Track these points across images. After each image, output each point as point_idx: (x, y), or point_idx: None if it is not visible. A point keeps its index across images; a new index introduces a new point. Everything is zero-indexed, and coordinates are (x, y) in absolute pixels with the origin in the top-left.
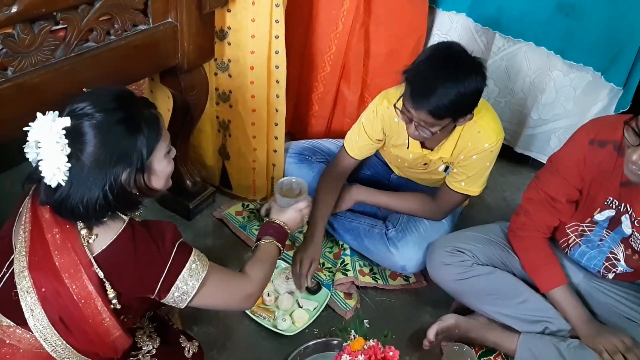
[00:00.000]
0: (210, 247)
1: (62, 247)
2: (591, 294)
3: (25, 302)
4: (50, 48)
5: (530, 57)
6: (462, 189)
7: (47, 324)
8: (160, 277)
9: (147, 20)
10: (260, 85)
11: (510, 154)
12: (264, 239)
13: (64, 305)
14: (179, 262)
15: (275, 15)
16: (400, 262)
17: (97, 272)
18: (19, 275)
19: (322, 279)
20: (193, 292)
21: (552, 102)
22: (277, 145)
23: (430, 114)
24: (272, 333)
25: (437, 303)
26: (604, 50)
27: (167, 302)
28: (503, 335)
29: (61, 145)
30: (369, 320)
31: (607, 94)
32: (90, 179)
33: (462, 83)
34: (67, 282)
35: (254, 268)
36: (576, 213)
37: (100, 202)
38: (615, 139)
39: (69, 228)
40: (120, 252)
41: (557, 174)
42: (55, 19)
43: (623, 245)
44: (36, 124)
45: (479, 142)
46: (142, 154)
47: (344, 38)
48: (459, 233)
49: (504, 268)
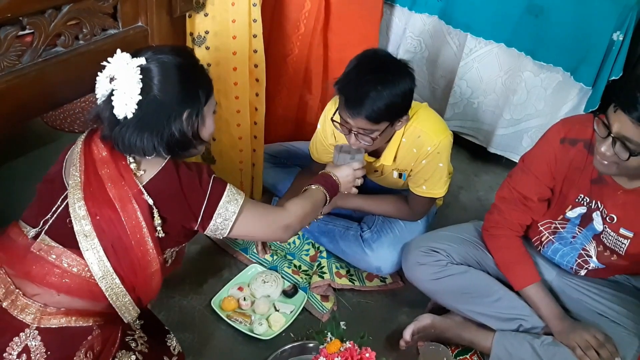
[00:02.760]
0: (200, 253)
1: (116, 180)
2: (564, 290)
3: (81, 228)
4: (17, 53)
5: (502, 58)
6: (425, 192)
7: (100, 249)
8: (203, 203)
9: (116, 24)
10: (243, 86)
11: (484, 154)
12: (314, 185)
13: (115, 233)
14: (217, 190)
15: (253, 15)
16: (375, 264)
17: (147, 200)
18: (74, 205)
19: (298, 282)
20: (234, 217)
21: (523, 102)
22: (256, 145)
23: (367, 119)
24: (248, 337)
25: (413, 303)
26: (572, 50)
27: (210, 232)
28: (478, 333)
29: (136, 78)
30: (346, 322)
31: (576, 94)
32: (157, 112)
33: (392, 85)
34: (120, 210)
35: (295, 203)
36: (549, 211)
37: (161, 136)
38: (586, 137)
39: (123, 164)
40: (166, 180)
41: (529, 173)
42: (21, 24)
43: (595, 242)
44: (114, 59)
45: (422, 147)
46: (201, 99)
47: (306, 40)
48: (433, 233)
49: (478, 267)
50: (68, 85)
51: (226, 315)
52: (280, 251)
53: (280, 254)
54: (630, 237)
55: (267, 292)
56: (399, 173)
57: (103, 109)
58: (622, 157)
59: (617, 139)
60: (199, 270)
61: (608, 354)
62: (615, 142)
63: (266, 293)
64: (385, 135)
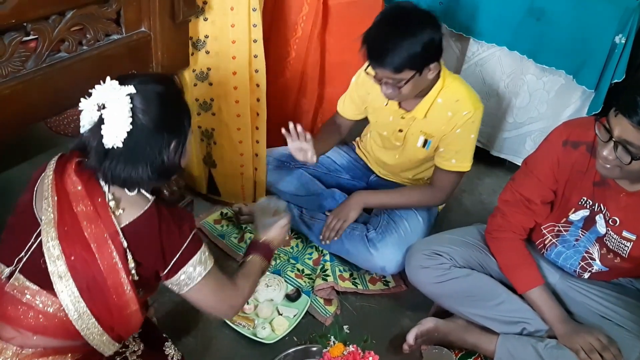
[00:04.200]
0: None
1: (92, 218)
2: (567, 293)
3: (55, 268)
4: (21, 59)
5: (504, 62)
6: (453, 166)
7: (75, 290)
8: (176, 255)
9: (119, 29)
10: (243, 90)
11: (487, 157)
12: (254, 255)
13: (90, 273)
14: (192, 247)
15: (253, 20)
16: (379, 263)
17: (122, 242)
18: (47, 244)
19: (301, 285)
20: (198, 279)
21: (526, 105)
22: (259, 149)
23: (389, 70)
24: (251, 341)
25: (417, 307)
26: (575, 53)
27: (170, 284)
28: (482, 337)
29: (127, 107)
30: (349, 326)
31: (579, 97)
32: (147, 142)
33: (413, 35)
34: (95, 251)
35: (245, 280)
36: (552, 213)
37: (152, 166)
38: (588, 140)
39: (100, 201)
40: (146, 226)
41: (532, 176)
42: (25, 29)
43: (598, 245)
44: (103, 87)
45: (459, 111)
46: (186, 131)
47: (303, 44)
48: (437, 236)
49: (481, 270)
50: (72, 91)
51: (229, 319)
52: (283, 255)
53: (283, 257)
54: (633, 239)
55: (270, 296)
56: (424, 139)
57: (90, 138)
58: (624, 161)
59: (618, 143)
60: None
61: (611, 357)
62: (617, 146)
63: (269, 297)
64: (416, 84)
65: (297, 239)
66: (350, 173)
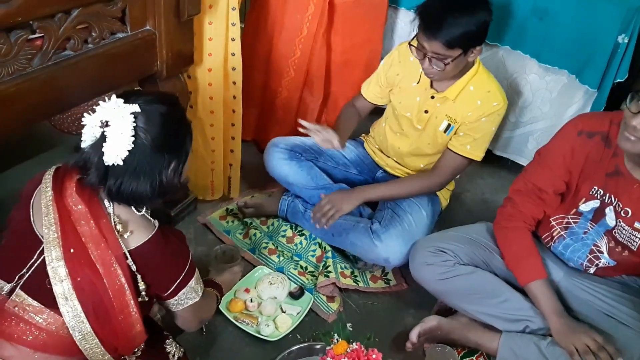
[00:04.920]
0: (193, 254)
1: (98, 240)
2: (572, 291)
3: (61, 289)
4: (27, 57)
5: (507, 61)
6: (467, 152)
7: (80, 312)
8: (178, 279)
9: (125, 28)
10: (218, 87)
11: (489, 157)
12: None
13: (97, 295)
14: (190, 270)
15: (232, 19)
16: (383, 255)
17: (130, 266)
18: (52, 263)
19: (304, 283)
20: (193, 300)
21: (529, 104)
22: (234, 146)
23: (442, 44)
24: (255, 339)
25: (419, 305)
26: (577, 53)
27: (168, 302)
28: (485, 335)
29: (130, 126)
30: (352, 324)
31: (582, 96)
32: (147, 163)
33: (470, 13)
34: (102, 273)
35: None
36: (562, 205)
37: (151, 187)
38: (603, 130)
39: (105, 222)
40: (152, 252)
41: (544, 166)
42: (31, 27)
43: (606, 238)
44: (108, 104)
45: (488, 101)
46: (187, 151)
47: (308, 43)
48: (441, 233)
49: (485, 268)
50: (77, 89)
51: (233, 317)
52: (287, 252)
53: (287, 254)
54: None
55: (274, 293)
56: (447, 124)
57: (91, 154)
58: None
59: None
60: (205, 273)
61: (607, 356)
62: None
63: (273, 295)
64: (457, 64)
65: (301, 235)
66: (358, 168)
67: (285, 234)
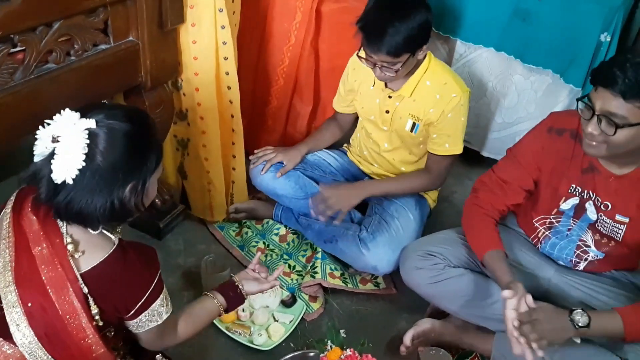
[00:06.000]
0: (182, 265)
1: (50, 261)
2: (562, 288)
3: (11, 316)
4: (9, 71)
5: (492, 63)
6: (447, 150)
7: (33, 339)
8: (139, 302)
9: (107, 39)
10: (209, 107)
11: (477, 158)
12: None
13: (49, 321)
14: (155, 292)
15: (222, 37)
16: (371, 263)
17: (82, 288)
18: (4, 289)
19: (287, 282)
20: (155, 323)
21: (514, 105)
22: (236, 164)
23: (388, 54)
24: (248, 349)
25: (412, 309)
26: (561, 52)
27: (130, 324)
28: (478, 336)
29: (82, 143)
30: (345, 330)
31: (567, 95)
32: (100, 183)
33: (409, 18)
34: (54, 297)
35: (187, 326)
36: (542, 206)
37: (102, 208)
38: (572, 127)
39: (58, 242)
40: (108, 273)
41: (514, 161)
42: (12, 41)
43: (591, 232)
44: (61, 118)
45: (447, 94)
46: (148, 171)
47: (296, 51)
48: (430, 237)
49: (475, 269)
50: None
51: (225, 327)
52: (277, 250)
53: (277, 253)
54: (626, 222)
55: (266, 302)
56: (412, 123)
57: (41, 168)
58: (609, 133)
59: (602, 116)
60: (195, 284)
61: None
62: (600, 120)
63: (265, 303)
64: (407, 66)
65: (294, 234)
66: (345, 175)
67: (279, 232)
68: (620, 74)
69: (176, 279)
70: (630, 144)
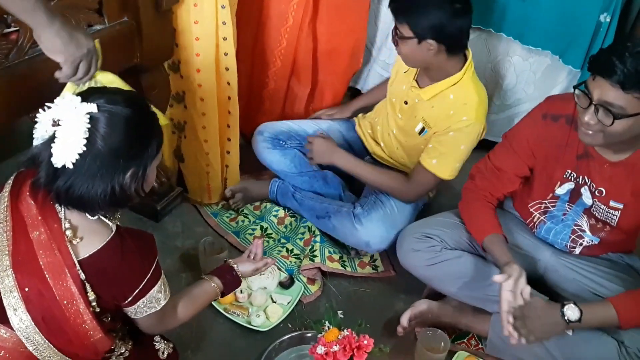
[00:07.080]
0: (180, 247)
1: (48, 246)
2: (559, 271)
3: (8, 301)
4: (4, 52)
5: (490, 44)
6: (433, 166)
7: (30, 323)
8: (137, 289)
9: (102, 20)
10: (209, 88)
11: None
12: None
13: (46, 306)
14: (153, 279)
15: (222, 17)
16: (364, 238)
17: (80, 274)
18: (2, 274)
19: (286, 264)
20: (154, 309)
21: (513, 87)
22: (230, 147)
23: (399, 17)
24: (246, 330)
25: (410, 290)
26: (560, 33)
27: (128, 311)
28: (475, 317)
29: (83, 128)
30: (343, 311)
31: (565, 77)
32: (100, 168)
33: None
34: (51, 282)
35: (186, 308)
36: (537, 191)
37: (103, 194)
38: (568, 113)
39: (56, 227)
40: (106, 261)
41: (509, 148)
42: (6, 22)
43: (586, 216)
44: (62, 101)
45: (460, 114)
46: (149, 158)
47: (294, 33)
48: (427, 219)
49: (472, 251)
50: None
51: (223, 309)
52: (275, 234)
53: (275, 236)
54: (620, 208)
55: (264, 284)
56: (422, 127)
57: (41, 152)
58: (606, 123)
59: (599, 106)
60: (193, 266)
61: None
62: (597, 110)
63: (262, 285)
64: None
65: (292, 217)
66: (356, 145)
67: (277, 214)
68: (619, 64)
69: (174, 261)
70: (627, 134)
